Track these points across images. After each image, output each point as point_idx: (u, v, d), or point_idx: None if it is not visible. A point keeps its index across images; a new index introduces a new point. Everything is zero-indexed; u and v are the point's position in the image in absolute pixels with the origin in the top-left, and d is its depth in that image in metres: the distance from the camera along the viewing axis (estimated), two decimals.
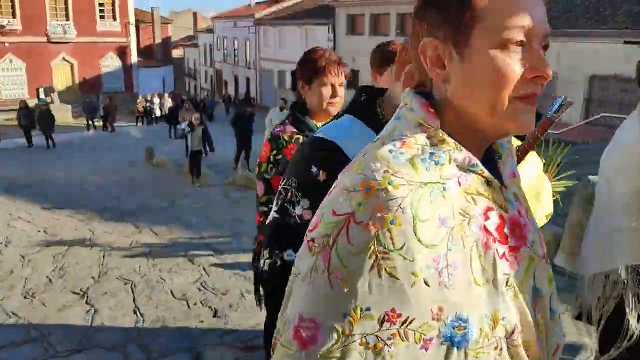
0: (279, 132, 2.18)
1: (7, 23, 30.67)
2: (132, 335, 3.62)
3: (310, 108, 2.20)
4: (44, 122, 18.54)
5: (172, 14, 58.52)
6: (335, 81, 2.13)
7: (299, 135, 2.15)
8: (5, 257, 5.74)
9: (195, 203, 8.65)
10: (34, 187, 10.80)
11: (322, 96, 2.12)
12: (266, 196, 2.13)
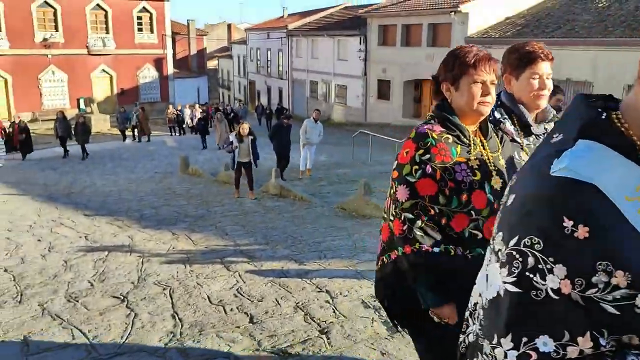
0: (426, 130, 1.96)
1: (50, 36, 31.81)
2: (172, 339, 3.70)
3: (457, 110, 2.00)
4: (79, 133, 18.94)
5: (207, 27, 59.64)
6: (487, 78, 1.95)
7: (448, 134, 1.95)
8: (49, 262, 5.94)
9: (230, 211, 8.78)
10: (75, 195, 11.16)
11: (472, 95, 1.94)
12: (410, 201, 1.89)
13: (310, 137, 12.18)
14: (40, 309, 4.43)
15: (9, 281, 5.24)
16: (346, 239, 6.34)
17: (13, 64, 30.94)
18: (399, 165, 1.96)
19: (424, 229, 1.88)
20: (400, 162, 1.96)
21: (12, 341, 3.78)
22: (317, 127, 12.29)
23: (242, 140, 10.32)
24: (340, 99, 34.35)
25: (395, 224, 1.95)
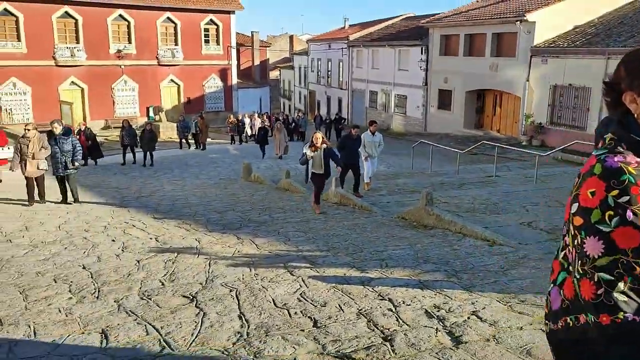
0: (619, 165, 1.49)
1: (123, 48, 33.48)
2: (239, 339, 3.83)
3: None
4: (145, 141, 19.47)
5: (270, 38, 60.88)
6: None
7: None
8: (123, 261, 6.26)
9: (292, 218, 8.94)
10: (145, 199, 11.67)
11: None
12: (607, 258, 1.46)
13: (369, 150, 11.95)
14: (116, 305, 4.70)
15: (87, 278, 5.58)
16: (408, 249, 6.32)
17: (89, 74, 32.75)
18: (584, 210, 1.51)
19: (627, 294, 1.45)
20: (584, 205, 1.51)
21: (91, 334, 4.03)
22: (375, 139, 12.07)
23: (316, 151, 9.65)
24: (399, 109, 34.20)
25: (584, 285, 1.51)
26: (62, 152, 10.42)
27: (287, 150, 21.83)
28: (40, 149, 10.33)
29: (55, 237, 7.74)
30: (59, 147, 10.43)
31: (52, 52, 31.37)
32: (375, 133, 12.28)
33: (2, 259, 6.50)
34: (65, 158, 10.45)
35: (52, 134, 10.61)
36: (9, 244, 7.41)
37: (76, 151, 10.63)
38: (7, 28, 30.09)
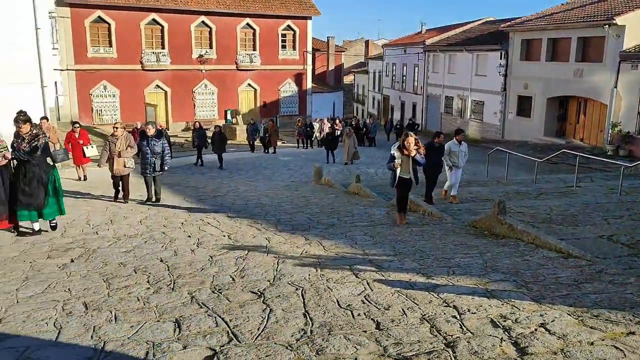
0: None
1: (205, 53, 34.87)
2: (303, 336, 3.94)
3: None
4: (216, 143, 19.86)
5: (345, 43, 61.28)
6: None
7: None
8: (197, 256, 6.57)
9: (360, 222, 8.99)
10: (219, 199, 12.12)
11: None
12: None
13: (455, 159, 11.56)
14: (190, 297, 4.95)
15: (164, 270, 5.90)
16: (477, 257, 6.21)
17: (172, 78, 34.37)
18: None
19: None
20: None
21: (166, 323, 4.28)
22: (461, 148, 11.64)
23: (406, 154, 8.64)
24: (476, 115, 33.37)
25: None
26: (152, 154, 10.71)
27: (356, 156, 21.51)
28: (127, 147, 10.72)
29: (136, 231, 8.22)
30: (149, 148, 10.70)
31: (140, 57, 33.17)
32: (462, 142, 11.80)
33: (89, 249, 7.00)
34: (155, 159, 10.73)
35: (145, 135, 10.97)
36: (96, 235, 7.96)
37: (165, 154, 10.89)
38: (100, 34, 32.16)
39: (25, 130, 7.41)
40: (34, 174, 7.44)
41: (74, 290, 5.19)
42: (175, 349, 3.76)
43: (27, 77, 15.44)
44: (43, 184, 7.53)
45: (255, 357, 3.60)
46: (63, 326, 4.23)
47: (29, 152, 7.35)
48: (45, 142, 7.58)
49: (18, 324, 4.29)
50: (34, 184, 7.43)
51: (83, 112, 31.87)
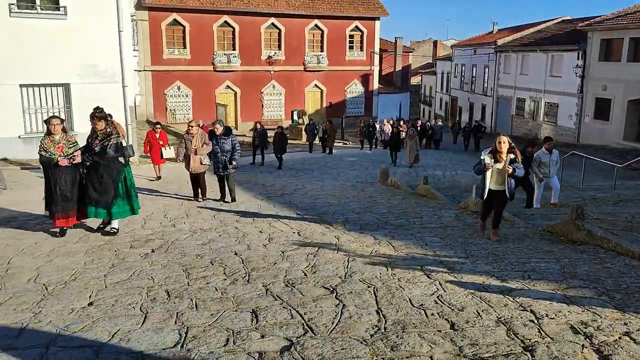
0: None
1: (274, 54, 35.54)
2: (377, 332, 3.99)
3: None
4: (277, 143, 19.87)
5: (413, 44, 60.65)
6: None
7: None
8: (269, 250, 6.75)
9: (429, 223, 8.91)
10: (287, 197, 12.35)
11: None
12: None
13: (546, 170, 11.08)
14: (264, 289, 5.11)
15: (239, 263, 6.11)
16: (553, 263, 6.02)
17: (242, 79, 35.26)
18: None
19: None
20: None
21: (243, 312, 4.45)
22: (552, 158, 11.04)
23: (499, 160, 7.26)
24: (549, 118, 32.15)
25: None
26: (222, 152, 10.75)
27: (417, 159, 21.00)
28: (202, 144, 10.73)
29: (210, 225, 8.54)
30: (219, 146, 10.76)
31: (211, 58, 34.25)
32: (553, 150, 11.09)
33: (168, 240, 7.35)
34: (225, 158, 10.77)
35: (213, 134, 10.97)
36: (173, 228, 8.33)
37: (235, 151, 10.89)
38: (175, 37, 33.48)
39: (100, 127, 7.35)
40: (103, 172, 7.32)
41: (156, 278, 5.48)
42: (253, 338, 3.90)
43: (109, 77, 16.33)
44: (113, 183, 7.37)
45: (331, 349, 3.68)
46: (149, 311, 4.48)
47: (98, 154, 7.28)
48: (117, 142, 7.42)
49: (108, 307, 4.58)
50: (103, 183, 7.30)
51: (158, 111, 33.29)
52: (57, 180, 7.13)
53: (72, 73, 15.80)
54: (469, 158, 24.77)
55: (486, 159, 7.22)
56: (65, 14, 15.45)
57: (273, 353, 3.65)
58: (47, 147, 7.15)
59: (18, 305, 4.66)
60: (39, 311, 4.51)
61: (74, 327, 4.15)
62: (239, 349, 3.73)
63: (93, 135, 7.40)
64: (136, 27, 29.57)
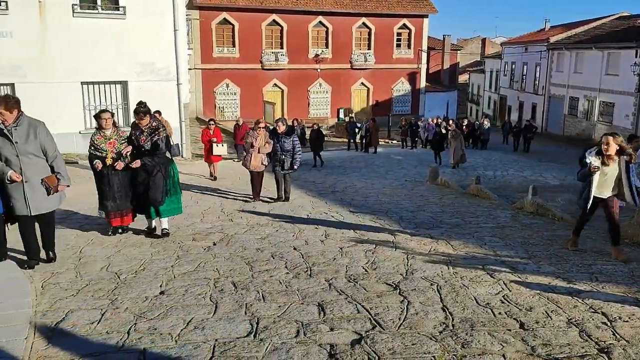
0: None
1: (321, 52, 35.69)
2: (445, 329, 4.00)
3: None
4: (313, 141, 19.68)
5: (460, 41, 59.73)
6: None
7: None
8: (327, 246, 6.83)
9: (485, 223, 8.80)
10: (339, 194, 12.41)
11: None
12: None
13: None
14: (327, 283, 5.19)
15: (299, 258, 6.21)
16: (620, 265, 5.86)
17: (289, 77, 35.57)
18: None
19: None
20: None
21: (309, 306, 4.53)
22: None
23: (606, 163, 6.21)
24: (605, 118, 31.09)
25: None
26: (282, 151, 10.50)
27: (463, 159, 20.24)
28: (265, 143, 10.44)
29: (267, 220, 8.69)
30: (280, 145, 10.48)
31: (260, 56, 34.70)
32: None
33: (227, 234, 7.53)
34: (285, 157, 10.50)
35: (274, 132, 10.72)
36: (231, 222, 8.53)
37: (296, 151, 10.58)
38: (225, 35, 34.08)
39: (145, 122, 7.02)
40: (154, 168, 6.95)
41: (221, 270, 5.64)
42: (323, 330, 3.98)
43: (165, 75, 16.80)
44: (164, 179, 7.03)
45: (401, 344, 3.71)
46: (218, 301, 4.63)
47: (152, 150, 6.95)
48: (166, 136, 7.15)
49: (179, 296, 4.76)
50: (154, 179, 6.94)
51: (207, 108, 33.98)
52: (109, 178, 6.86)
53: (130, 71, 16.34)
54: (519, 158, 24.25)
55: (593, 162, 6.20)
56: (124, 13, 15.99)
57: (344, 345, 3.72)
58: (98, 144, 6.84)
59: (95, 292, 4.89)
60: (115, 298, 4.73)
61: (150, 314, 4.34)
62: (310, 340, 3.82)
63: (137, 131, 7.07)
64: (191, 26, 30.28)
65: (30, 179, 5.32)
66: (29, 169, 5.30)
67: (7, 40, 14.63)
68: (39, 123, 5.39)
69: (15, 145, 5.20)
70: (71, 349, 3.69)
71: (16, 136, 5.20)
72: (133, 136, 7.07)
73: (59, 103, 15.37)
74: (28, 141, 5.25)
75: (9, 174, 5.21)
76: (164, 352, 3.63)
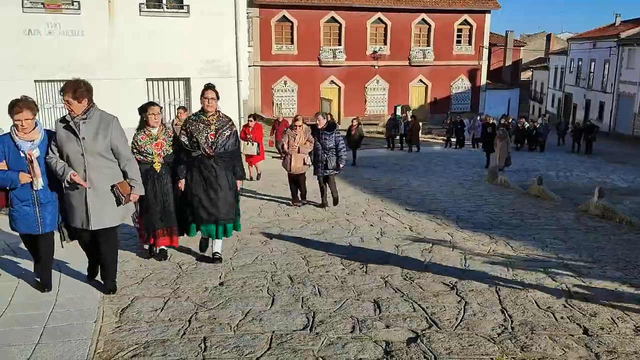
0: None
1: (378, 49, 35.47)
2: (504, 331, 3.92)
3: None
4: (352, 139, 19.17)
5: (524, 37, 57.86)
6: None
7: None
8: (383, 244, 6.82)
9: (547, 225, 8.52)
10: (395, 192, 12.33)
11: None
12: None
13: None
14: (383, 281, 5.18)
15: (353, 254, 6.23)
16: None
17: (346, 74, 35.54)
18: None
19: None
20: None
21: (365, 302, 4.54)
22: None
23: None
24: None
25: None
26: (323, 149, 9.34)
27: (508, 162, 18.49)
28: (305, 142, 9.38)
29: (322, 216, 8.75)
30: (320, 143, 9.37)
31: (318, 53, 34.85)
32: None
33: (284, 229, 7.65)
34: (327, 156, 9.37)
35: (315, 129, 9.66)
36: (287, 217, 8.66)
37: (340, 148, 9.47)
38: (283, 33, 34.44)
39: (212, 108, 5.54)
40: (221, 174, 5.48)
41: (278, 264, 5.74)
42: (379, 327, 3.99)
43: (226, 72, 17.17)
44: (231, 189, 5.58)
45: (458, 344, 3.67)
46: (275, 294, 4.71)
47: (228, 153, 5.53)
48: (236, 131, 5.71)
49: (238, 288, 4.88)
50: (221, 188, 5.45)
51: (265, 105, 34.47)
52: (155, 189, 5.54)
53: (192, 68, 16.78)
54: (584, 159, 23.18)
55: None
56: (188, 12, 16.45)
57: (400, 343, 3.71)
58: (142, 145, 5.51)
59: (158, 281, 5.09)
60: (177, 287, 4.90)
61: (210, 304, 4.47)
62: (366, 336, 3.83)
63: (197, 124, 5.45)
64: (251, 24, 30.82)
65: (96, 184, 4.29)
66: (95, 172, 4.28)
67: (78, 39, 15.36)
68: (112, 118, 4.38)
69: (81, 141, 4.21)
70: (136, 333, 3.87)
71: (84, 131, 4.21)
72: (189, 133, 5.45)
73: (124, 99, 15.95)
74: (97, 138, 4.24)
75: (69, 175, 4.20)
76: (223, 341, 3.74)
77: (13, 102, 4.13)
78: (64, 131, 4.26)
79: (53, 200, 4.40)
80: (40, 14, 14.69)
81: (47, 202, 4.35)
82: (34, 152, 4.22)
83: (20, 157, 4.21)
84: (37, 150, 4.25)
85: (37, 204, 4.30)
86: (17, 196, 4.27)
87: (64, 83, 4.28)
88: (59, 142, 4.27)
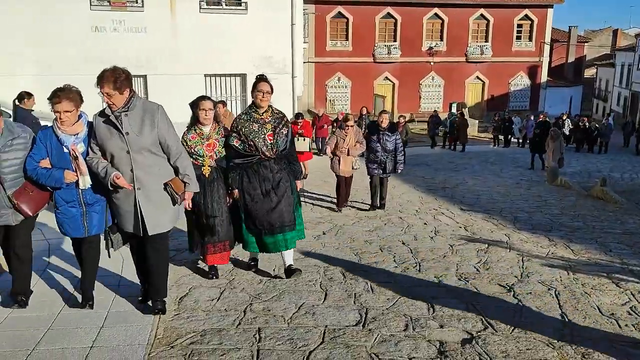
0: None
1: (435, 45, 34.90)
2: (563, 336, 3.79)
3: None
4: None
5: (588, 33, 55.54)
6: None
7: None
8: (436, 243, 6.72)
9: (612, 229, 8.16)
10: (450, 190, 12.13)
11: None
12: None
13: None
14: (436, 280, 5.12)
15: (407, 252, 6.18)
16: None
17: (401, 70, 35.18)
18: None
19: None
20: None
21: (418, 301, 4.49)
22: None
23: None
24: None
25: None
26: (383, 151, 8.77)
27: (561, 163, 16.45)
28: (355, 143, 8.73)
29: (375, 213, 8.72)
30: (380, 144, 8.75)
31: (372, 49, 34.64)
32: None
33: (336, 224, 7.68)
34: (386, 158, 8.78)
35: (375, 128, 9.04)
36: (340, 213, 8.67)
37: (399, 151, 8.90)
38: (338, 29, 34.44)
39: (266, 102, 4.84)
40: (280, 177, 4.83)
41: (330, 259, 5.76)
42: (432, 327, 3.94)
43: (281, 68, 17.35)
44: (292, 194, 4.92)
45: (515, 348, 3.59)
46: (328, 289, 4.74)
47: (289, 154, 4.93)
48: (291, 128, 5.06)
49: (291, 281, 4.93)
50: (280, 194, 4.79)
51: (318, 101, 34.59)
52: (206, 197, 4.77)
53: (249, 64, 17.05)
54: None
55: None
56: (246, 9, 16.72)
57: (454, 344, 3.66)
58: (192, 146, 4.77)
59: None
60: (232, 279, 5.00)
61: (264, 296, 4.55)
62: (419, 335, 3.80)
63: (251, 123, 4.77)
64: (307, 20, 30.98)
65: (146, 184, 3.74)
66: (143, 171, 3.72)
67: (142, 36, 15.90)
68: (157, 107, 3.80)
69: (125, 137, 3.64)
70: (194, 322, 3.98)
71: (127, 125, 3.65)
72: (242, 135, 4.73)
73: (183, 95, 16.40)
74: (143, 132, 3.67)
75: (112, 177, 3.65)
76: (277, 333, 3.80)
77: (54, 91, 3.67)
78: (105, 126, 3.69)
79: (101, 198, 3.89)
80: (106, 11, 15.28)
81: (95, 202, 3.87)
82: (77, 147, 3.75)
83: (63, 153, 3.75)
84: (81, 145, 3.77)
85: (84, 204, 3.84)
86: (62, 197, 3.83)
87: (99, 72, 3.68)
88: (100, 139, 3.71)
